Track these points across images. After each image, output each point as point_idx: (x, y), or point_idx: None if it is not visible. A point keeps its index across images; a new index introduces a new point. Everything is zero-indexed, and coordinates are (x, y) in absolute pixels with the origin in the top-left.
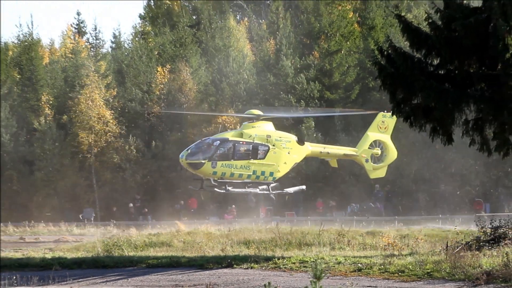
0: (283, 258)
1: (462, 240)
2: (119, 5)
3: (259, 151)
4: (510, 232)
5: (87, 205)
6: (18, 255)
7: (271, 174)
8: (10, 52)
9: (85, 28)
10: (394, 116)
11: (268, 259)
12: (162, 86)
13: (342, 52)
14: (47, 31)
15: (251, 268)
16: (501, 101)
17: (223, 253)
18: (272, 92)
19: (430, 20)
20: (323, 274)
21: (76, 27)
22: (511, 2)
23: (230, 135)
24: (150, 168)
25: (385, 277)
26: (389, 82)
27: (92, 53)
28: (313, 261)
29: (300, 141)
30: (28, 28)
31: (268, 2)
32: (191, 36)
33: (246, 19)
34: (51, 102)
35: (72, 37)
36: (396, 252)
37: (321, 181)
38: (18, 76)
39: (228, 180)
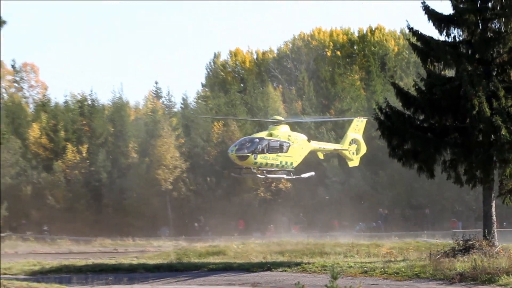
0: (308, 263)
1: (441, 249)
2: (187, 76)
3: (284, 147)
4: (477, 244)
5: (163, 224)
6: (113, 261)
7: (291, 164)
8: (106, 111)
9: (161, 93)
10: (364, 120)
11: (297, 264)
12: (217, 136)
13: (352, 110)
14: (133, 95)
15: (285, 271)
16: (469, 147)
17: (264, 260)
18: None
19: (416, 87)
20: (338, 275)
21: (155, 92)
22: (477, 73)
23: (263, 134)
24: (209, 197)
25: (385, 277)
26: (386, 132)
27: (166, 112)
28: (331, 266)
29: (308, 140)
30: (119, 93)
31: (297, 74)
32: (239, 99)
33: (280, 86)
34: (136, 148)
35: (151, 100)
36: (392, 259)
37: (338, 206)
38: (112, 129)
39: (263, 169)
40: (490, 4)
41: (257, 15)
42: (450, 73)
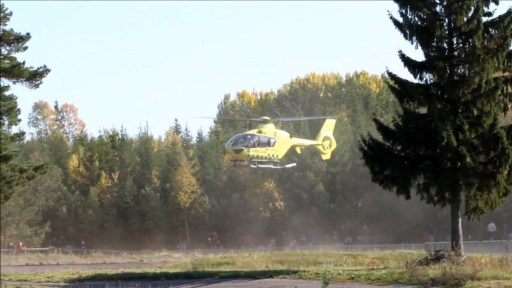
0: (304, 271)
1: (416, 259)
2: (202, 114)
3: (271, 142)
4: (446, 254)
5: (182, 239)
6: (139, 271)
7: (277, 156)
8: (134, 145)
9: (180, 129)
10: (334, 120)
11: (295, 272)
12: (226, 164)
13: (340, 142)
14: (157, 131)
15: (284, 278)
16: (439, 172)
17: (267, 268)
18: (297, 167)
19: (395, 122)
20: (329, 281)
21: (175, 128)
22: (445, 111)
23: (254, 131)
24: (220, 215)
25: (369, 283)
26: (369, 160)
27: (184, 145)
28: (323, 273)
29: (290, 136)
30: (145, 129)
31: (294, 112)
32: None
33: (280, 122)
34: (158, 175)
35: (172, 134)
36: (375, 267)
37: (329, 223)
38: (138, 159)
39: (255, 160)
40: (456, 53)
41: (261, 63)
42: (423, 110)
